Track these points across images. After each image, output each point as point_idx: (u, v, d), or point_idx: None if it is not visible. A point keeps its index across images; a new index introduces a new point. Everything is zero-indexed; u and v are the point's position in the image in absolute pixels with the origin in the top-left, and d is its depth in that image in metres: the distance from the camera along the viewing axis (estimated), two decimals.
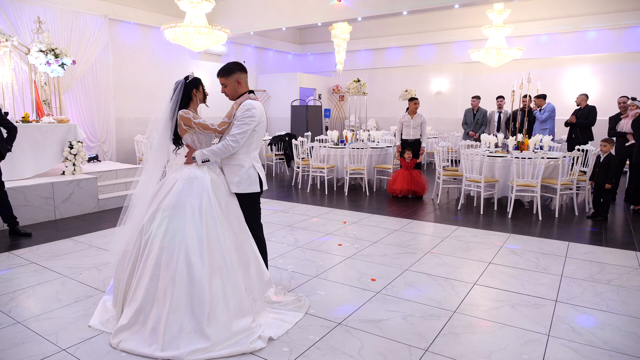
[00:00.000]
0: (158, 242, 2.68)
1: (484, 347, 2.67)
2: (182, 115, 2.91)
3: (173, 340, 2.50)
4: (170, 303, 2.55)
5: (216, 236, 2.75)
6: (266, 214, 6.13)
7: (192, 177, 2.84)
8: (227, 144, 2.89)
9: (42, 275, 3.86)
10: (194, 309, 2.57)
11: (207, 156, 2.90)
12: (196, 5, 7.74)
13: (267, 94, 14.18)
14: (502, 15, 9.27)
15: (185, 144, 2.99)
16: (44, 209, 5.79)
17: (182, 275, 2.60)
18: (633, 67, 11.03)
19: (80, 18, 8.72)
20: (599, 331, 2.86)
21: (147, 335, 2.56)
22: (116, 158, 9.68)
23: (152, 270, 2.64)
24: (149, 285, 2.63)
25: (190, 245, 2.66)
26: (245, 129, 2.90)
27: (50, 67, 6.70)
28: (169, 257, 2.63)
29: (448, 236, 5.04)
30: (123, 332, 2.64)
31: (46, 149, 6.30)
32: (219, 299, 2.65)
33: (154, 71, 10.56)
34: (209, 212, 2.77)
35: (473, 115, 9.14)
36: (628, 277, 3.78)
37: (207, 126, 2.93)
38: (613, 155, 5.76)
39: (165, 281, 2.60)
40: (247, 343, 2.60)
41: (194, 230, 2.70)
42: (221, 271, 2.71)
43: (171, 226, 2.69)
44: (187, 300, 2.58)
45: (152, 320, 2.58)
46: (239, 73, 3.07)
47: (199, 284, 2.60)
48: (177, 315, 2.54)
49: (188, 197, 2.76)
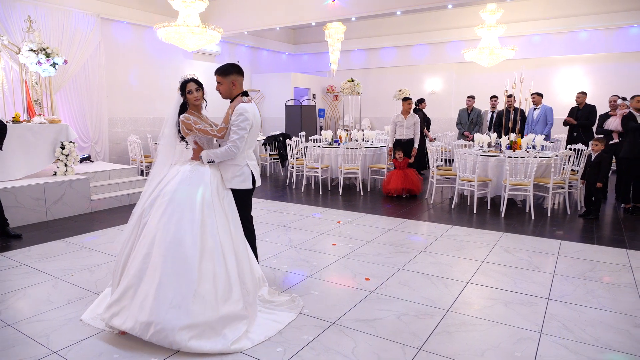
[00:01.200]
0: (155, 222, 2.79)
1: (477, 345, 2.68)
2: (183, 120, 3.08)
3: (159, 313, 2.56)
4: (159, 279, 2.62)
5: (211, 222, 2.86)
6: (260, 213, 6.12)
7: (194, 169, 3.02)
8: (230, 149, 3.07)
9: (33, 277, 3.82)
10: (181, 286, 2.63)
11: (212, 158, 3.09)
12: (189, 5, 7.70)
13: (261, 94, 14.15)
14: (495, 15, 9.31)
15: (193, 140, 3.16)
16: (35, 210, 5.74)
17: (173, 252, 2.68)
18: (624, 67, 11.12)
19: (71, 17, 8.65)
20: (590, 328, 2.88)
21: (136, 309, 2.61)
22: (109, 158, 9.61)
23: (147, 249, 2.74)
24: (142, 262, 2.72)
25: (184, 226, 2.76)
26: (242, 133, 3.07)
27: (41, 67, 6.64)
28: (162, 236, 2.73)
29: (442, 235, 5.06)
30: (114, 306, 2.70)
31: (37, 150, 6.24)
32: (208, 279, 2.71)
33: (147, 71, 10.49)
34: (206, 200, 2.90)
35: (467, 115, 9.17)
36: (619, 275, 3.82)
37: (207, 132, 3.10)
38: (604, 155, 5.80)
39: (156, 258, 2.69)
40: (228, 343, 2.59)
41: (190, 214, 2.81)
42: (213, 254, 2.79)
43: (169, 209, 2.81)
44: (176, 277, 2.64)
45: (141, 295, 2.64)
46: (236, 75, 3.19)
47: (189, 263, 2.68)
48: (164, 290, 2.60)
49: (188, 185, 2.92)
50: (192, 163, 3.08)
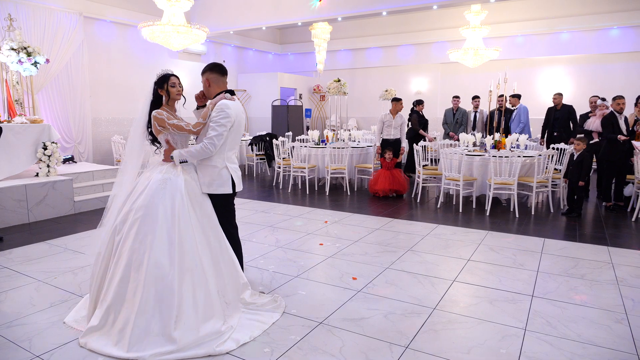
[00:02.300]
0: (129, 243, 2.67)
1: (463, 342, 2.71)
2: (155, 116, 2.89)
3: (139, 342, 2.50)
4: (138, 305, 2.55)
5: (188, 238, 2.73)
6: (247, 214, 6.09)
7: (165, 178, 2.81)
8: (205, 147, 2.87)
9: (15, 280, 3.75)
10: (162, 312, 2.56)
11: (184, 157, 2.90)
12: (174, 4, 7.63)
13: (248, 94, 14.10)
14: (479, 16, 9.43)
15: (164, 140, 2.96)
16: (16, 212, 5.62)
17: (152, 277, 2.59)
18: (604, 68, 11.36)
19: (53, 15, 8.50)
20: (573, 324, 2.93)
21: (115, 336, 2.55)
22: (93, 159, 9.47)
23: (123, 272, 2.64)
24: (119, 286, 2.62)
25: (160, 247, 2.64)
26: (221, 130, 2.88)
27: (22, 66, 6.52)
28: (139, 259, 2.63)
29: (428, 234, 5.10)
30: (93, 333, 2.63)
31: (19, 150, 6.11)
32: (188, 302, 2.63)
33: (132, 70, 10.37)
34: (181, 214, 2.75)
35: (453, 115, 9.27)
36: (600, 272, 3.89)
37: (182, 127, 2.90)
38: (586, 154, 5.92)
39: (134, 283, 2.60)
40: (213, 346, 2.58)
41: (165, 232, 2.68)
42: (192, 273, 2.69)
43: (143, 228, 2.67)
44: (156, 303, 2.57)
45: (120, 322, 2.58)
46: (208, 73, 3.09)
47: (168, 286, 2.59)
48: (144, 318, 2.54)
49: (161, 198, 2.74)
50: (162, 170, 2.85)
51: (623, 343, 2.70)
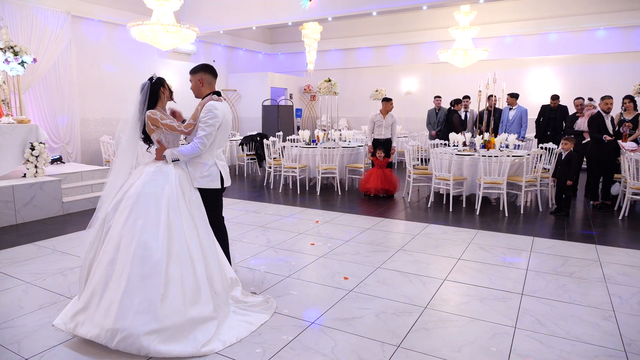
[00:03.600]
0: (119, 228, 2.71)
1: (454, 341, 2.73)
2: (149, 115, 2.98)
3: (125, 319, 2.50)
4: (125, 285, 2.56)
5: (177, 224, 2.78)
6: (238, 214, 6.07)
7: (158, 170, 2.92)
8: (195, 146, 3.00)
9: (2, 282, 3.69)
10: (148, 291, 2.57)
11: (176, 156, 3.00)
12: (163, 3, 7.57)
13: (238, 94, 14.05)
14: (469, 17, 9.51)
15: (156, 139, 3.05)
16: (3, 213, 5.54)
17: (139, 258, 2.61)
18: (591, 68, 11.52)
19: (40, 14, 8.39)
20: (562, 322, 2.97)
21: (101, 317, 2.55)
22: (81, 159, 9.37)
23: (111, 255, 2.66)
24: (107, 269, 2.65)
25: (149, 230, 2.68)
26: (210, 130, 3.01)
27: (9, 65, 6.43)
28: (127, 241, 2.66)
29: (419, 233, 5.13)
30: (79, 315, 2.64)
31: (6, 151, 6.03)
32: (175, 283, 2.65)
33: (121, 70, 10.27)
34: (171, 202, 2.82)
35: (435, 114, 9.40)
36: (589, 270, 3.95)
37: (174, 127, 3.02)
38: (574, 153, 5.99)
39: (122, 265, 2.62)
40: (198, 345, 2.57)
41: (155, 216, 2.73)
42: (180, 257, 2.72)
43: (133, 213, 2.72)
44: (142, 283, 2.58)
45: (105, 302, 2.58)
46: (202, 73, 3.19)
47: (156, 266, 2.61)
48: (130, 296, 2.54)
49: (153, 187, 2.82)
50: (156, 163, 2.97)
51: (611, 340, 2.74)
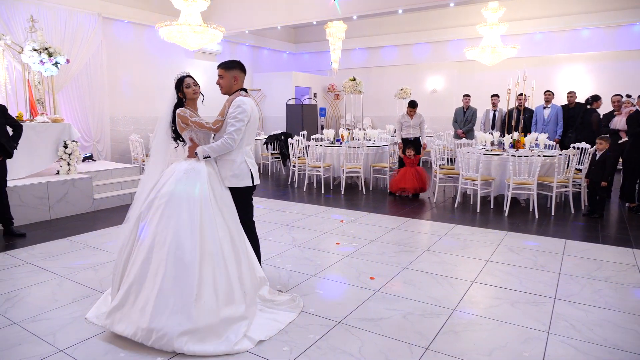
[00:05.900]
0: (153, 226, 2.74)
1: (484, 344, 2.67)
2: (179, 113, 3.03)
3: (160, 319, 2.55)
4: (160, 285, 2.60)
5: (209, 224, 2.81)
6: (263, 212, 6.11)
7: (189, 168, 2.95)
8: (226, 142, 3.00)
9: (38, 275, 3.82)
10: (182, 291, 2.60)
11: (207, 153, 3.02)
12: (191, 4, 7.68)
13: (262, 93, 14.14)
14: (497, 13, 9.29)
15: (188, 137, 3.08)
16: (38, 209, 5.73)
17: (173, 257, 2.65)
18: (626, 65, 11.09)
19: (73, 16, 8.63)
20: (598, 328, 2.86)
21: (137, 316, 2.60)
22: (111, 157, 9.60)
23: (146, 254, 2.71)
24: (141, 267, 2.69)
25: (183, 229, 2.71)
26: (239, 125, 3.01)
27: (43, 66, 6.63)
28: (161, 240, 2.69)
29: (445, 234, 5.05)
30: (115, 313, 2.69)
31: (40, 149, 6.23)
32: (208, 283, 2.68)
33: (149, 70, 10.48)
34: (204, 201, 2.84)
35: (463, 113, 9.23)
36: (625, 274, 3.80)
37: (203, 125, 3.04)
38: (609, 153, 5.78)
39: (156, 263, 2.66)
40: (231, 344, 2.59)
41: (188, 216, 2.75)
42: (212, 257, 2.75)
43: (166, 212, 2.76)
44: (176, 282, 2.61)
45: (141, 301, 2.63)
46: (238, 70, 3.18)
47: (189, 267, 2.64)
48: (164, 296, 2.58)
49: (185, 185, 2.85)
50: (188, 161, 3.01)
51: None
